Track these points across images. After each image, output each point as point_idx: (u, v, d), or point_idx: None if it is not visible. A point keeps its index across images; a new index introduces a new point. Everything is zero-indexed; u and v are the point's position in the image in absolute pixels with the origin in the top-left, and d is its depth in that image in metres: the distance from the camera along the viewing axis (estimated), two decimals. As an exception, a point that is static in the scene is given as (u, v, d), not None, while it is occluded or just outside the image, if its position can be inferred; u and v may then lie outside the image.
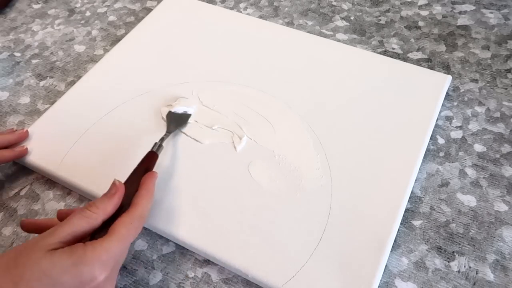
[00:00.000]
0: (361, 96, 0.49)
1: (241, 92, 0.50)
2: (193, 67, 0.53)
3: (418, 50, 0.55)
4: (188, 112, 0.48)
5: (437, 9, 0.60)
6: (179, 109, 0.48)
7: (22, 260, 0.30)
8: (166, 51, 0.55)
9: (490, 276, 0.38)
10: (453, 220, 0.41)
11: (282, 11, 0.62)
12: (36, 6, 0.66)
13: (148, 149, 0.41)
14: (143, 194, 0.36)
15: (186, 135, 0.47)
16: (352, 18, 0.60)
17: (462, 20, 0.58)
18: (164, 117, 0.48)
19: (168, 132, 0.45)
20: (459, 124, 0.48)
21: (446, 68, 0.53)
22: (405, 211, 0.41)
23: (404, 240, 0.40)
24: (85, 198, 0.45)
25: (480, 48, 0.55)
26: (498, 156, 0.45)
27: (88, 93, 0.51)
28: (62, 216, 0.36)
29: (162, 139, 0.43)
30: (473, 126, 0.48)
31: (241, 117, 0.48)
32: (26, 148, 0.46)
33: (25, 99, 0.54)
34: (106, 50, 0.59)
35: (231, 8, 0.63)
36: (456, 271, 0.38)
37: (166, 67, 0.53)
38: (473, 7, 0.60)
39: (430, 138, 0.46)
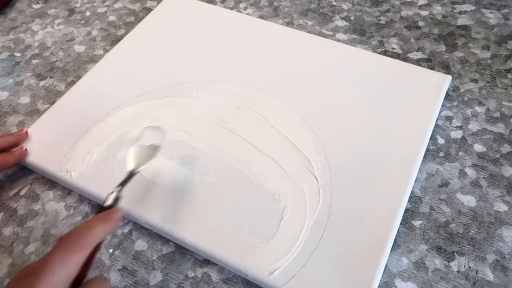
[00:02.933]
0: (361, 96, 0.49)
1: (241, 92, 0.50)
2: (193, 67, 0.53)
3: (418, 50, 0.55)
4: (157, 144, 0.41)
5: (437, 9, 0.60)
6: (146, 141, 0.41)
7: None
8: (166, 51, 0.55)
9: (490, 276, 0.38)
10: (453, 220, 0.41)
11: (282, 11, 0.62)
12: (36, 6, 0.66)
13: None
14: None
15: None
16: (352, 18, 0.60)
17: (462, 20, 0.58)
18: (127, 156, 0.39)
19: (132, 173, 0.38)
20: (459, 124, 0.48)
21: (446, 68, 0.53)
22: (405, 211, 0.41)
23: (404, 240, 0.40)
24: (85, 198, 0.45)
25: (480, 48, 0.55)
26: (498, 156, 0.45)
27: (88, 93, 0.51)
28: None
29: (121, 185, 0.36)
30: (473, 126, 0.48)
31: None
32: (26, 149, 0.46)
33: (25, 99, 0.54)
34: (106, 50, 0.59)
35: (231, 8, 0.63)
36: (456, 271, 0.38)
37: (166, 67, 0.53)
38: (473, 7, 0.60)
39: (430, 138, 0.46)
